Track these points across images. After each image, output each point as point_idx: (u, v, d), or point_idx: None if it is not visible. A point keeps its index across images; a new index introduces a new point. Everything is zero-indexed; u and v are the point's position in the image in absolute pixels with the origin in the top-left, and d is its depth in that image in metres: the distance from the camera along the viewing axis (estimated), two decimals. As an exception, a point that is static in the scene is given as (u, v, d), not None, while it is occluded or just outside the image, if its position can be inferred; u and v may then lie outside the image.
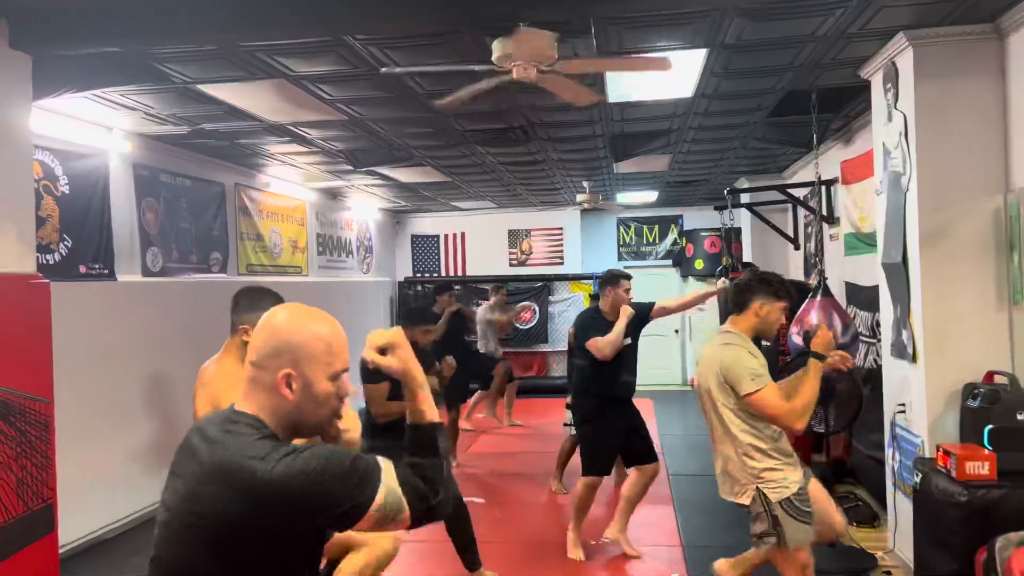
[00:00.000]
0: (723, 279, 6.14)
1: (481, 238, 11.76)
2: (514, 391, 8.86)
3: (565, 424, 6.31)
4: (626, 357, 4.59)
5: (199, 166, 6.51)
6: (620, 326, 4.48)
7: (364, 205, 10.39)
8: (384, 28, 3.57)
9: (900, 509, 4.22)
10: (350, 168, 7.15)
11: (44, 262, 4.71)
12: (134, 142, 5.54)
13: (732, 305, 3.20)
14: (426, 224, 11.96)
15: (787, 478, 2.97)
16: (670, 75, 3.66)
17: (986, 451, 3.43)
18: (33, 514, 3.25)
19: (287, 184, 8.14)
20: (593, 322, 4.67)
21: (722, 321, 6.78)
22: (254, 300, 2.70)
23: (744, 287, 3.17)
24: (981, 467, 3.37)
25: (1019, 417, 3.41)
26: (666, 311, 4.78)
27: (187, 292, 6.21)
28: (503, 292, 8.90)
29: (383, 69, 3.80)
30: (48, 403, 3.33)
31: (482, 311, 8.63)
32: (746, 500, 2.99)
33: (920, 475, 3.69)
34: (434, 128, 5.75)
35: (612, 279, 4.70)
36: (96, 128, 5.17)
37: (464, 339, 7.53)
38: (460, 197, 10.00)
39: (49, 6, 3.15)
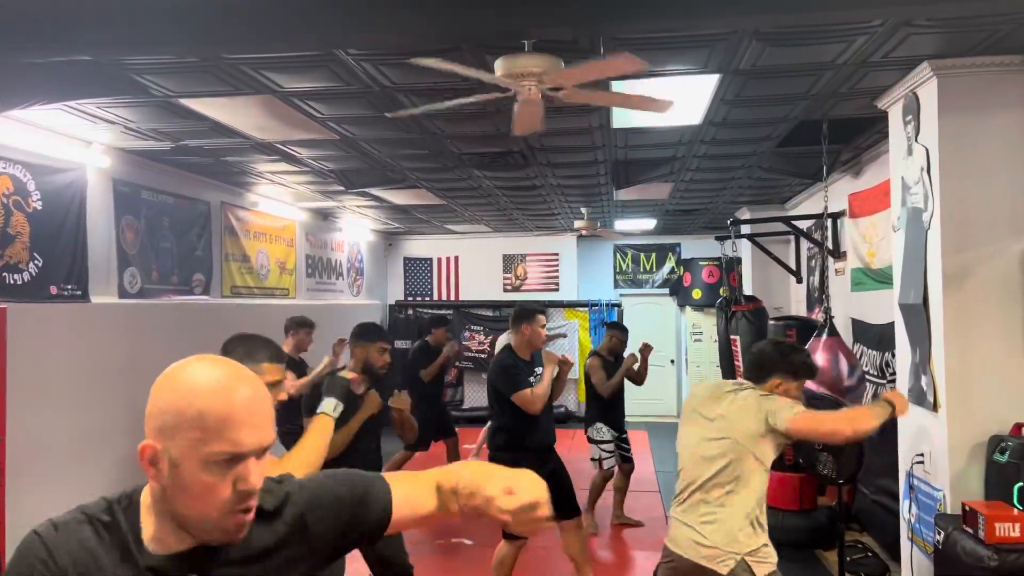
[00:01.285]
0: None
1: (475, 262, 11.52)
2: None
3: (592, 459, 6.00)
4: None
5: (183, 183, 6.25)
6: (547, 378, 4.06)
7: (356, 226, 10.15)
8: (382, 43, 3.34)
9: (917, 565, 3.96)
10: (342, 189, 6.91)
11: (12, 282, 4.43)
12: (114, 157, 5.27)
13: (749, 375, 2.95)
14: (419, 247, 11.72)
15: (773, 554, 2.77)
16: (678, 102, 3.45)
17: (1016, 510, 3.19)
18: (-23, 563, 2.96)
19: (276, 203, 7.88)
20: (514, 369, 4.10)
21: (722, 358, 6.67)
22: (249, 350, 2.26)
23: (764, 362, 2.91)
24: (1012, 529, 3.12)
25: (1053, 475, 3.19)
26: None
27: (167, 315, 5.91)
28: None
29: (412, 59, 3.48)
30: (-1, 441, 3.05)
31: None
32: (723, 570, 2.66)
33: (942, 533, 3.44)
34: (430, 150, 5.52)
35: (527, 315, 4.17)
36: (73, 142, 4.91)
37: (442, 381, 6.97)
38: (455, 220, 9.77)
39: (14, 10, 2.90)
